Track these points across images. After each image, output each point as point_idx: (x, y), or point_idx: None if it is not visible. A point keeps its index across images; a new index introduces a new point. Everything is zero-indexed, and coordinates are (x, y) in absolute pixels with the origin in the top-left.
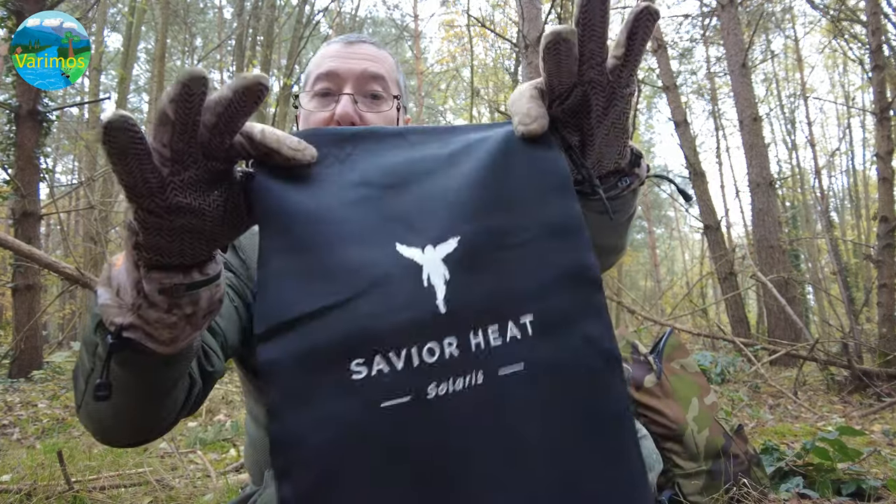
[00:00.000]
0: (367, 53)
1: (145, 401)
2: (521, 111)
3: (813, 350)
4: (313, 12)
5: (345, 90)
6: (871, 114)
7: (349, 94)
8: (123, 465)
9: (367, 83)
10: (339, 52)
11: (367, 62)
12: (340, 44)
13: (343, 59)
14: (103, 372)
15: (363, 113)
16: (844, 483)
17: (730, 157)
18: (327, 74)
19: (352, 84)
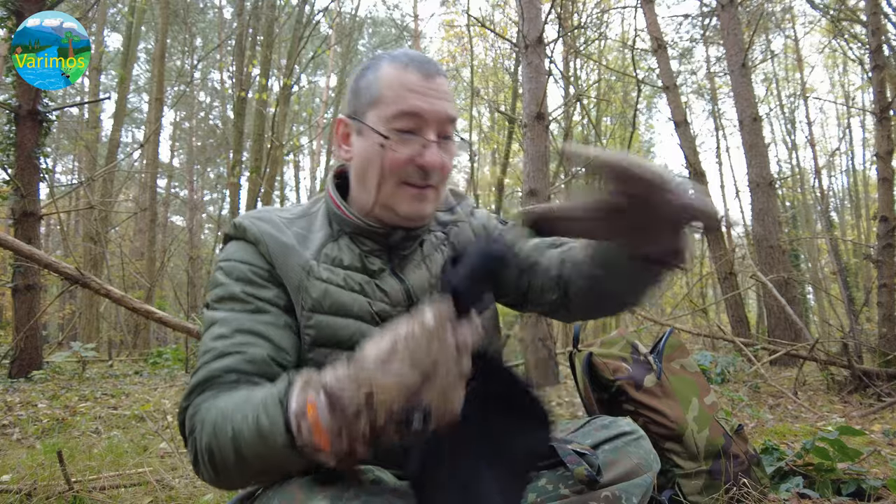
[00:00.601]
0: (445, 91)
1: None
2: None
3: (813, 350)
4: (313, 12)
5: (429, 135)
6: (871, 114)
7: (435, 142)
8: (123, 465)
9: (445, 126)
10: (421, 88)
11: (446, 102)
12: (419, 75)
13: (426, 98)
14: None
15: (444, 159)
16: (844, 483)
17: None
18: (412, 114)
19: (434, 127)
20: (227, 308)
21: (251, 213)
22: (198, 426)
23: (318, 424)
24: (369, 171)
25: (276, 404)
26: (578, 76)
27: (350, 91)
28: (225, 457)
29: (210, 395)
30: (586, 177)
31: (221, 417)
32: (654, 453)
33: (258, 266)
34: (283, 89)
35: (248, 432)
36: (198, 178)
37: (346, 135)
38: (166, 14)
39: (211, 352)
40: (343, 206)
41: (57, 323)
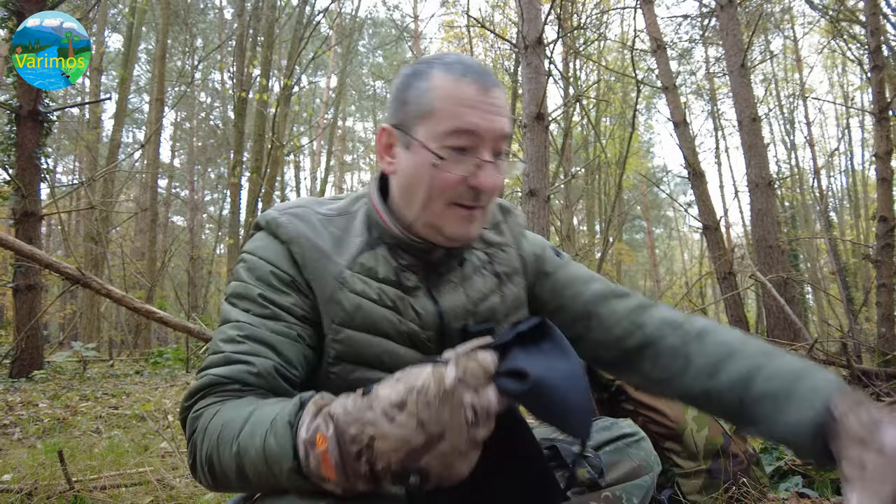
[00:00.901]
0: (501, 105)
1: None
2: None
3: (812, 350)
4: (313, 13)
5: (484, 154)
6: (870, 114)
7: (491, 162)
8: (124, 465)
9: (500, 143)
10: (478, 102)
11: (503, 118)
12: (476, 87)
13: (483, 114)
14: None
15: (497, 179)
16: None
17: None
18: (468, 132)
19: (490, 145)
20: (242, 307)
21: (288, 207)
22: (199, 434)
23: (326, 457)
24: (417, 189)
25: (285, 428)
26: (578, 77)
27: (395, 98)
28: (226, 470)
29: (214, 402)
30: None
31: (226, 431)
32: (654, 455)
33: (282, 270)
34: (284, 90)
35: (253, 452)
36: (198, 179)
37: (390, 145)
38: (167, 15)
39: (220, 354)
40: (386, 216)
41: (58, 323)
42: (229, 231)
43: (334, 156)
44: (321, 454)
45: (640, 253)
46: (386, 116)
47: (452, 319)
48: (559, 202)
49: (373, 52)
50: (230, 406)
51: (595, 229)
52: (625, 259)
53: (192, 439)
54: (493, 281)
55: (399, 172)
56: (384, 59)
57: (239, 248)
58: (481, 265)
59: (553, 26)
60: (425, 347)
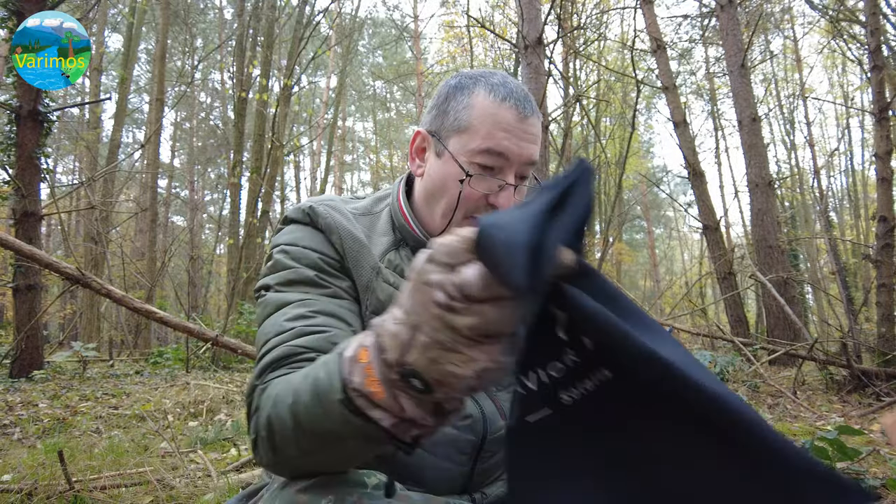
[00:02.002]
0: (535, 133)
1: (354, 461)
2: None
3: (812, 350)
4: (313, 13)
5: (509, 176)
6: (869, 114)
7: (513, 186)
8: (124, 465)
9: (526, 169)
10: (514, 128)
11: (533, 146)
12: (515, 113)
13: (516, 140)
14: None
15: (516, 202)
16: None
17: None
18: (498, 154)
19: (515, 169)
20: (300, 290)
21: (321, 199)
22: (264, 402)
23: (370, 368)
24: (441, 197)
25: (334, 356)
26: (578, 77)
27: (436, 105)
28: (283, 427)
29: (286, 373)
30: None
31: (286, 386)
32: None
33: (329, 256)
34: (284, 90)
35: (305, 393)
36: (198, 179)
37: (423, 149)
38: (167, 14)
39: (290, 331)
40: (412, 219)
41: (58, 323)
42: (229, 231)
43: (334, 156)
44: (365, 367)
45: (640, 253)
46: (424, 121)
47: None
48: None
49: (373, 52)
50: (300, 373)
51: (595, 229)
52: (625, 259)
53: (255, 413)
54: None
55: (426, 177)
56: (384, 59)
57: (239, 248)
58: None
59: (553, 26)
60: None
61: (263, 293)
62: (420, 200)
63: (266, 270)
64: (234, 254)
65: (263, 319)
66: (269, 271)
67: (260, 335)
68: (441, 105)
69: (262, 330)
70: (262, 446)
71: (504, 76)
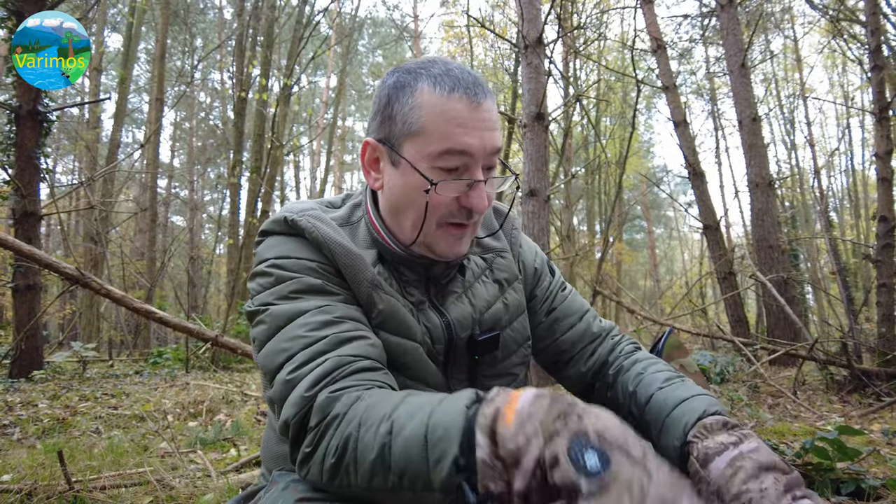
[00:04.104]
0: (493, 118)
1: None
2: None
3: (812, 350)
4: (313, 13)
5: (477, 173)
6: (870, 114)
7: (482, 181)
8: (124, 465)
9: (490, 158)
10: (469, 120)
11: (494, 133)
12: (466, 103)
13: (475, 132)
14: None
15: (490, 196)
16: (844, 482)
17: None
18: (461, 152)
19: (481, 162)
20: (313, 299)
21: (301, 210)
22: (337, 418)
23: (510, 407)
24: (407, 209)
25: (460, 409)
26: (578, 76)
27: (379, 111)
28: (362, 455)
29: (351, 386)
30: None
31: (374, 411)
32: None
33: (326, 264)
34: (284, 89)
35: (410, 430)
36: (198, 179)
37: (376, 160)
38: (166, 14)
39: (324, 340)
40: (386, 236)
41: (57, 323)
42: (229, 231)
43: (334, 156)
44: (504, 405)
45: (640, 253)
46: (370, 129)
47: (460, 330)
48: (559, 202)
49: (373, 52)
50: (376, 393)
51: (595, 229)
52: (625, 259)
53: (321, 424)
54: (495, 288)
55: (387, 190)
56: (384, 59)
57: (239, 248)
58: (481, 272)
59: (553, 26)
60: (436, 360)
61: (263, 310)
62: (386, 214)
63: (258, 287)
64: (234, 254)
65: (272, 333)
66: (264, 287)
67: (275, 350)
68: (385, 110)
69: (275, 345)
70: (322, 465)
71: (445, 63)
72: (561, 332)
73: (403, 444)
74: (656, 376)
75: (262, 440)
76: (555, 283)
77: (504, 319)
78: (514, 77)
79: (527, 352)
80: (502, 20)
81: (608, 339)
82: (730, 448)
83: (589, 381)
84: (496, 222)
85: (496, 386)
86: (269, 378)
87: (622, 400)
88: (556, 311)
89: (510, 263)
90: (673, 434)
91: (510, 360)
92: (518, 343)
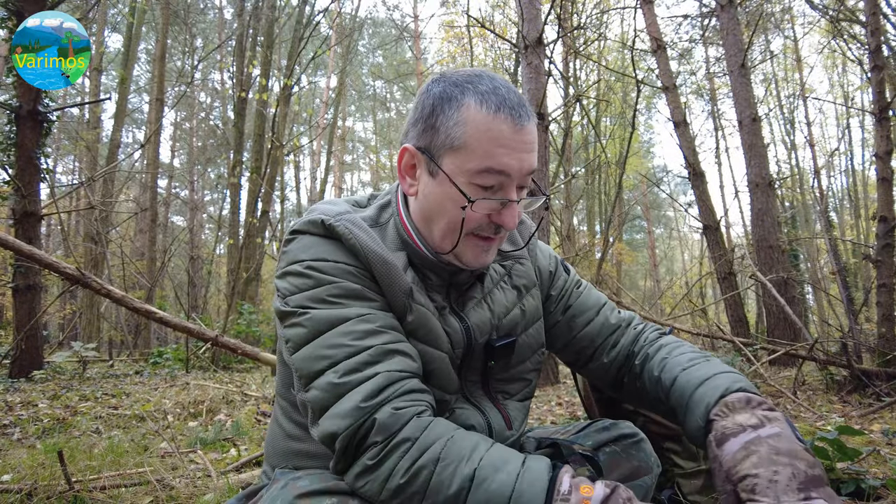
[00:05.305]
0: (533, 140)
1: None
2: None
3: (812, 350)
4: (313, 13)
5: (511, 193)
6: (870, 114)
7: (517, 201)
8: (124, 465)
9: (526, 180)
10: (512, 142)
11: (532, 155)
12: (510, 125)
13: (516, 153)
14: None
15: (519, 215)
16: (844, 482)
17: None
18: (499, 172)
19: (517, 182)
20: (355, 303)
21: (336, 213)
22: (406, 442)
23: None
24: (441, 219)
25: (543, 479)
26: (578, 76)
27: (421, 118)
28: (434, 490)
29: (410, 406)
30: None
31: (453, 450)
32: (654, 456)
33: (363, 269)
34: (284, 90)
35: (496, 485)
36: (198, 179)
37: (413, 166)
38: (167, 14)
39: (370, 350)
40: (418, 239)
41: (57, 323)
42: (229, 231)
43: (334, 156)
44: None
45: (640, 253)
46: (409, 135)
47: (479, 335)
48: (559, 202)
49: (373, 52)
50: (441, 424)
51: (595, 229)
52: (625, 259)
53: (389, 442)
54: (514, 294)
55: (421, 197)
56: (384, 59)
57: (239, 248)
58: (500, 278)
59: (553, 26)
60: (453, 363)
61: (302, 312)
62: (417, 219)
63: (292, 288)
64: (234, 254)
65: (312, 337)
66: (300, 288)
67: (314, 355)
68: (428, 119)
69: (315, 350)
70: (386, 481)
71: (492, 80)
72: (579, 328)
73: (486, 498)
74: (679, 359)
75: (267, 437)
76: (570, 281)
77: (521, 325)
78: (514, 77)
79: (540, 358)
80: (502, 20)
81: (629, 330)
82: (748, 430)
83: (615, 374)
84: (520, 236)
85: (515, 408)
86: (305, 382)
87: (650, 388)
88: (572, 309)
89: (528, 270)
90: (696, 414)
91: (524, 366)
92: (532, 349)
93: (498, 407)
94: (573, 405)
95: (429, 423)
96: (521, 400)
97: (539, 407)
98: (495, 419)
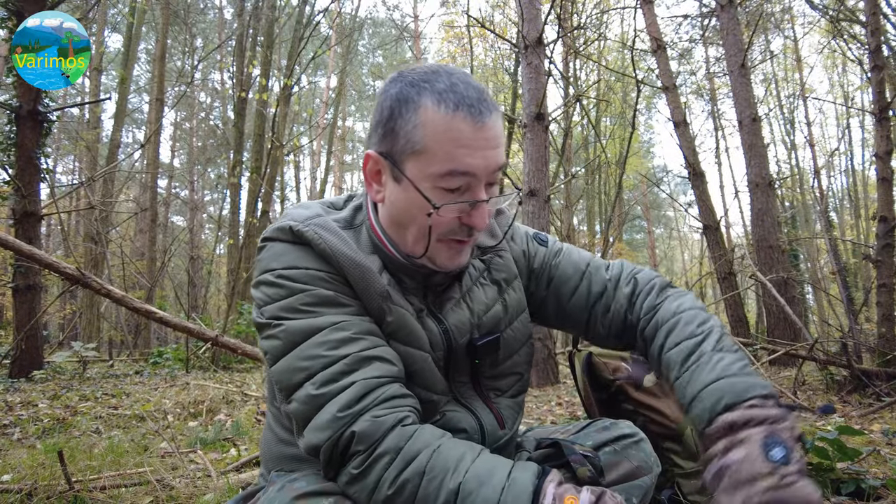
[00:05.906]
0: (497, 135)
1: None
2: None
3: (812, 350)
4: (313, 13)
5: (479, 192)
6: (870, 114)
7: (485, 201)
8: (124, 465)
9: (493, 176)
10: (474, 140)
11: (497, 151)
12: (470, 122)
13: (479, 152)
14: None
15: (491, 212)
16: (844, 482)
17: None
18: (464, 173)
19: (485, 181)
20: (329, 310)
21: (305, 217)
22: (390, 452)
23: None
24: (409, 226)
25: (528, 492)
26: (578, 76)
27: (381, 124)
28: (422, 499)
29: (389, 413)
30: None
31: (438, 462)
32: (654, 456)
33: (336, 274)
34: (284, 90)
35: (482, 499)
36: (198, 179)
37: (378, 172)
38: (167, 14)
39: (346, 359)
40: (390, 244)
41: (57, 323)
42: (229, 231)
43: (334, 156)
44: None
45: (640, 253)
46: (372, 140)
47: (458, 336)
48: (559, 202)
49: (373, 52)
50: (426, 432)
51: (595, 229)
52: (625, 259)
53: (372, 452)
54: (494, 290)
55: (388, 203)
56: (384, 59)
57: (239, 248)
58: (479, 275)
59: (553, 26)
60: (437, 366)
61: (276, 324)
62: (387, 224)
63: (266, 298)
64: (234, 254)
65: (288, 349)
66: (273, 298)
67: (292, 367)
68: (387, 123)
69: (291, 362)
70: (374, 492)
71: (450, 76)
72: (566, 298)
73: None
74: (674, 358)
75: (261, 441)
76: (549, 253)
77: (504, 321)
78: (514, 77)
79: (530, 350)
80: (502, 20)
81: (619, 291)
82: (718, 457)
83: (618, 337)
84: (498, 228)
85: (507, 406)
86: (286, 394)
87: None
88: (554, 280)
89: (508, 262)
90: (696, 426)
91: (513, 360)
92: (521, 342)
93: (490, 406)
94: (573, 405)
95: (413, 431)
96: (513, 396)
97: (539, 407)
98: (487, 419)
